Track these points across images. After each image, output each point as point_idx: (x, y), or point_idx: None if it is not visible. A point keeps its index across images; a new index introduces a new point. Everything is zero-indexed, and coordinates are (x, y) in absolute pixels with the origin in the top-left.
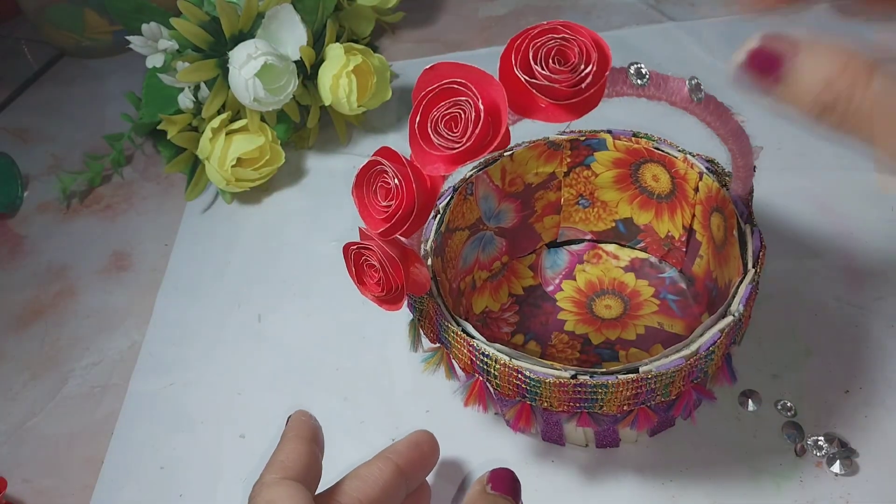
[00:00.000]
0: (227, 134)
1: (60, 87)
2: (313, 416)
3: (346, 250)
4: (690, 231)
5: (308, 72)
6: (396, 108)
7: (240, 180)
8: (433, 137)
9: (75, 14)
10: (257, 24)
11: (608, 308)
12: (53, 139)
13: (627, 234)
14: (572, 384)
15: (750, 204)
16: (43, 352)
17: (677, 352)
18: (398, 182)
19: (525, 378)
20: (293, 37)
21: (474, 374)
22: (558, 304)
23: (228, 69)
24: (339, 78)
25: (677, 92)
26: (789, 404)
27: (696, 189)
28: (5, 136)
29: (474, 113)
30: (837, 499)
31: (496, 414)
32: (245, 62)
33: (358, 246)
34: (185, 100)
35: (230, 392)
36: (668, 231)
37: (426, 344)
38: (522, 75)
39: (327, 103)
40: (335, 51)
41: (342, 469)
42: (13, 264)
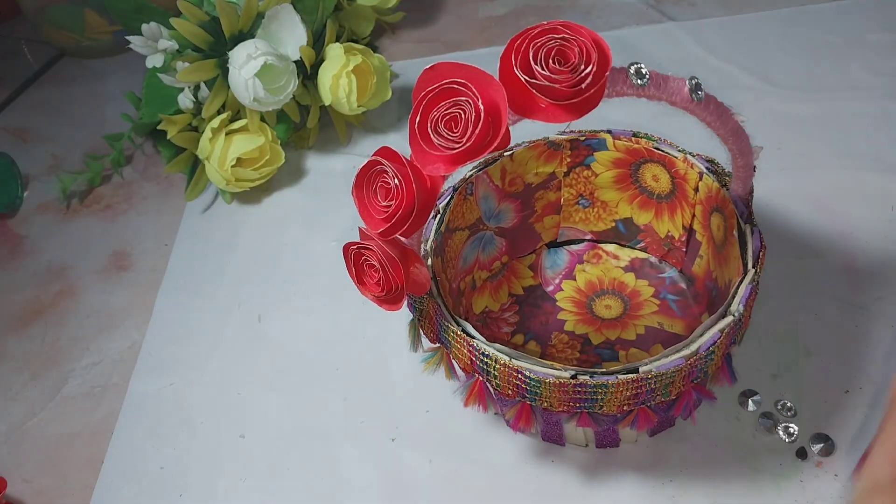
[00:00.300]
0: (227, 134)
1: (60, 87)
2: None
3: (346, 250)
4: (690, 231)
5: (308, 72)
6: (396, 108)
7: (240, 180)
8: (433, 137)
9: (75, 14)
10: (257, 24)
11: (608, 308)
12: (53, 139)
13: (627, 234)
14: (572, 384)
15: (750, 204)
16: (43, 352)
17: (677, 352)
18: (398, 182)
19: (525, 378)
20: (293, 37)
21: (474, 374)
22: (558, 304)
23: (228, 69)
24: (339, 78)
25: (677, 92)
26: (789, 404)
27: (696, 189)
28: (5, 136)
29: (474, 113)
30: (837, 499)
31: (496, 414)
32: (245, 62)
33: (358, 246)
34: (185, 100)
35: (230, 392)
36: (668, 231)
37: (426, 344)
38: (522, 75)
39: (327, 103)
40: (335, 51)
41: (340, 469)
42: (13, 264)
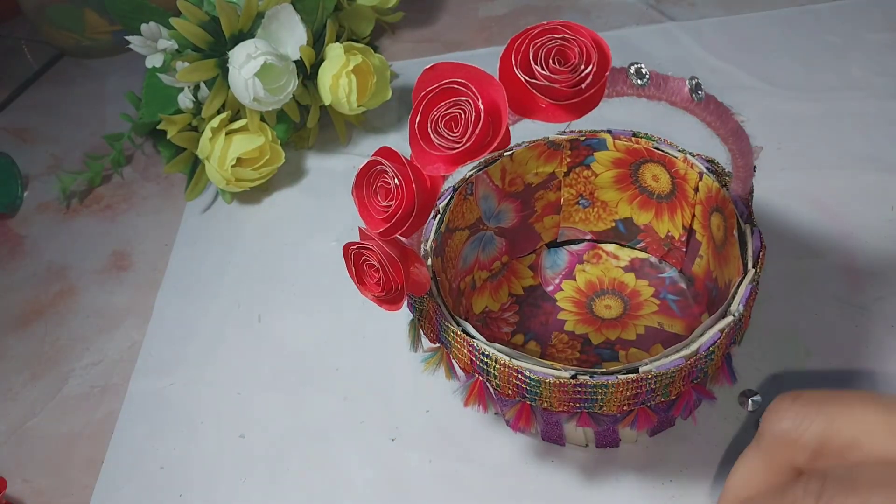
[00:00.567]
0: (227, 134)
1: (60, 87)
2: None
3: (346, 250)
4: (690, 231)
5: (308, 72)
6: (396, 108)
7: (240, 180)
8: (433, 137)
9: (75, 14)
10: (257, 24)
11: (608, 308)
12: (53, 139)
13: (627, 234)
14: (572, 384)
15: (750, 204)
16: (43, 352)
17: (677, 352)
18: (398, 182)
19: (525, 378)
20: (293, 37)
21: (474, 375)
22: (558, 304)
23: (228, 69)
24: (339, 78)
25: (677, 92)
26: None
27: (696, 189)
28: (5, 136)
29: (474, 113)
30: None
31: (496, 414)
32: (245, 62)
33: (358, 246)
34: (185, 100)
35: (230, 392)
36: (668, 231)
37: (426, 344)
38: (522, 75)
39: (327, 103)
40: (335, 51)
41: (340, 469)
42: (13, 264)
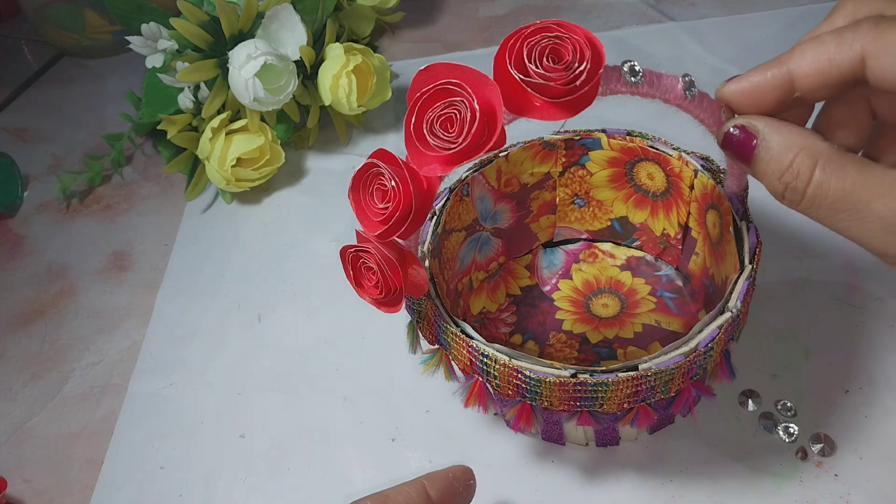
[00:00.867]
0: (227, 134)
1: (60, 87)
2: (468, 481)
3: (344, 254)
4: (686, 229)
5: (308, 72)
6: (396, 108)
7: (240, 180)
8: (429, 138)
9: (75, 14)
10: (257, 24)
11: (605, 307)
12: (53, 139)
13: (623, 233)
14: (572, 383)
15: (745, 200)
16: (43, 352)
17: (676, 349)
18: (395, 184)
19: (525, 378)
20: (293, 37)
21: (474, 375)
22: (556, 304)
23: (228, 69)
24: (339, 78)
25: (671, 89)
26: (789, 404)
27: (692, 187)
28: (5, 136)
29: (470, 113)
30: (837, 499)
31: (495, 414)
32: (245, 62)
33: (355, 249)
34: (185, 100)
35: (230, 392)
36: (664, 229)
37: (425, 346)
38: (517, 74)
39: (327, 103)
40: (335, 51)
41: (340, 469)
42: (13, 264)
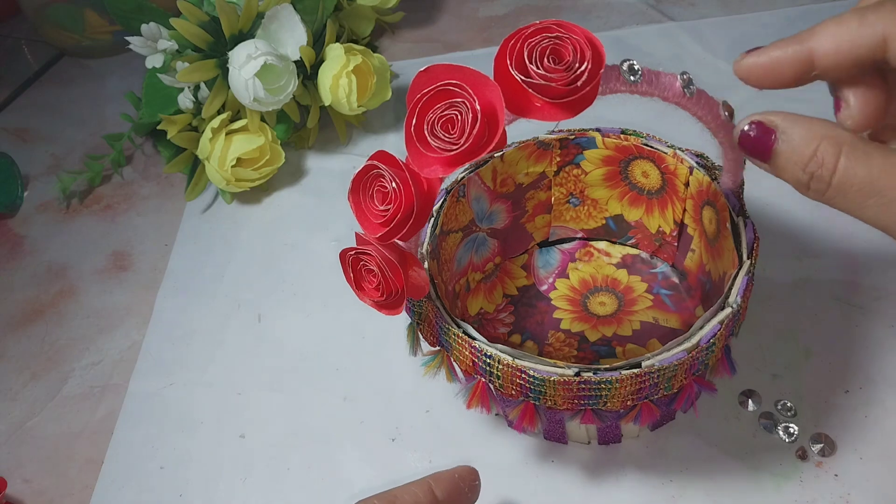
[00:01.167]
0: (227, 134)
1: (60, 87)
2: (473, 482)
3: (344, 256)
4: (681, 226)
5: (308, 72)
6: (396, 109)
7: (240, 180)
8: (430, 140)
9: (75, 14)
10: (257, 25)
11: (602, 305)
12: (53, 139)
13: (618, 231)
14: (576, 381)
15: (741, 196)
16: (43, 352)
17: (679, 345)
18: (395, 185)
19: (529, 377)
20: (293, 37)
21: (476, 376)
22: (553, 303)
23: (228, 69)
24: (339, 78)
25: (669, 87)
26: (789, 404)
27: (687, 184)
28: (5, 136)
29: (471, 114)
30: (837, 499)
31: (496, 415)
32: (245, 62)
33: (355, 251)
34: (185, 100)
35: (230, 392)
36: (659, 226)
37: (425, 347)
38: (518, 75)
39: (327, 103)
40: (335, 51)
41: (340, 469)
42: (13, 264)
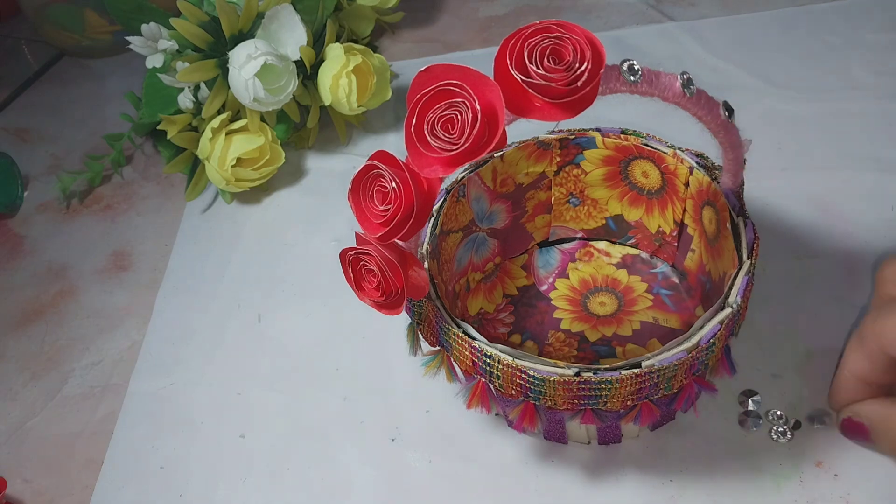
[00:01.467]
0: (227, 134)
1: (60, 87)
2: None
3: (344, 256)
4: (681, 226)
5: (308, 72)
6: (396, 108)
7: (240, 180)
8: (430, 140)
9: (75, 14)
10: (257, 25)
11: (602, 305)
12: (53, 139)
13: (618, 231)
14: (576, 381)
15: (741, 196)
16: (43, 352)
17: (679, 345)
18: (395, 185)
19: (529, 377)
20: (293, 37)
21: (476, 376)
22: (553, 303)
23: (228, 69)
24: (339, 78)
25: (669, 87)
26: (779, 413)
27: (687, 184)
28: (5, 136)
29: (471, 114)
30: (837, 499)
31: (496, 414)
32: (245, 62)
33: (355, 251)
34: (185, 100)
35: (230, 392)
36: (659, 226)
37: (425, 347)
38: (518, 75)
39: (327, 103)
40: (335, 51)
41: (340, 469)
42: (13, 264)
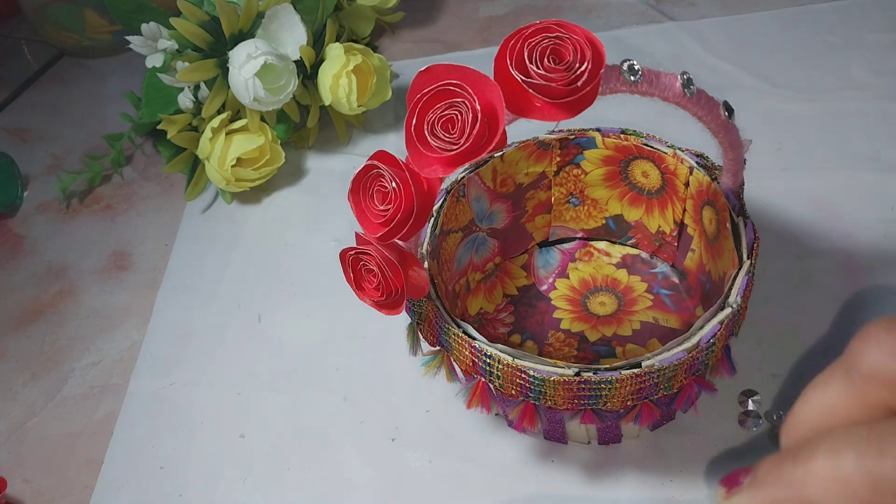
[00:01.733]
0: (227, 134)
1: (60, 87)
2: None
3: (344, 256)
4: (681, 226)
5: (308, 72)
6: (396, 108)
7: (240, 180)
8: (430, 140)
9: (75, 14)
10: (257, 24)
11: (603, 305)
12: (53, 139)
13: (618, 231)
14: (576, 381)
15: (741, 196)
16: (43, 352)
17: (679, 345)
18: (396, 185)
19: (529, 377)
20: (293, 37)
21: (476, 376)
22: (553, 303)
23: (228, 69)
24: (339, 78)
25: (669, 87)
26: (780, 413)
27: (687, 184)
28: (5, 136)
29: (471, 114)
30: None
31: (496, 414)
32: (245, 62)
33: (355, 251)
34: (185, 100)
35: (230, 392)
36: (659, 226)
37: (425, 347)
38: (518, 75)
39: (327, 103)
40: (335, 51)
41: (340, 469)
42: (13, 264)
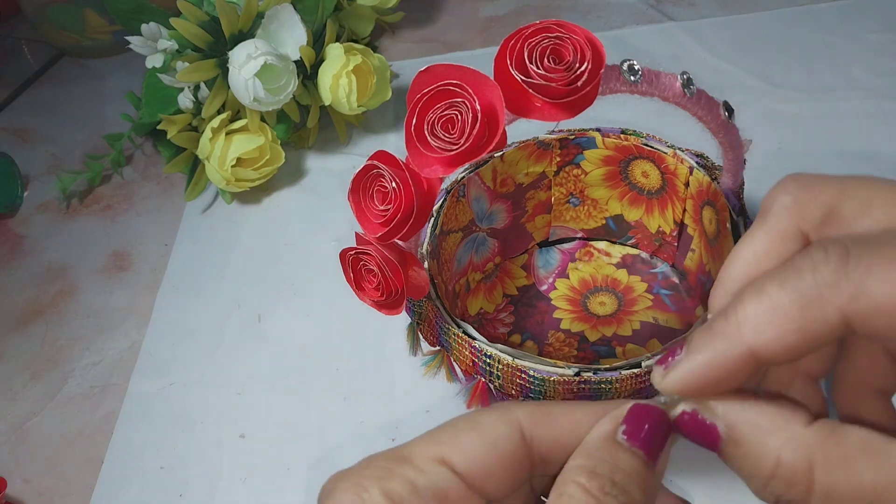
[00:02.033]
0: (227, 134)
1: (60, 87)
2: None
3: (343, 256)
4: (681, 226)
5: (308, 72)
6: (396, 108)
7: (240, 180)
8: (430, 140)
9: (75, 14)
10: (257, 24)
11: (602, 305)
12: (53, 139)
13: (618, 231)
14: (576, 381)
15: (741, 196)
16: (43, 352)
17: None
18: (395, 185)
19: (529, 377)
20: (293, 37)
21: (476, 376)
22: (553, 303)
23: (228, 69)
24: (339, 78)
25: (669, 87)
26: None
27: (687, 184)
28: (5, 136)
29: (471, 114)
30: None
31: None
32: (245, 62)
33: (355, 251)
34: (185, 100)
35: (230, 392)
36: (659, 226)
37: (425, 347)
38: (518, 75)
39: (327, 103)
40: (335, 51)
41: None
42: (13, 264)
